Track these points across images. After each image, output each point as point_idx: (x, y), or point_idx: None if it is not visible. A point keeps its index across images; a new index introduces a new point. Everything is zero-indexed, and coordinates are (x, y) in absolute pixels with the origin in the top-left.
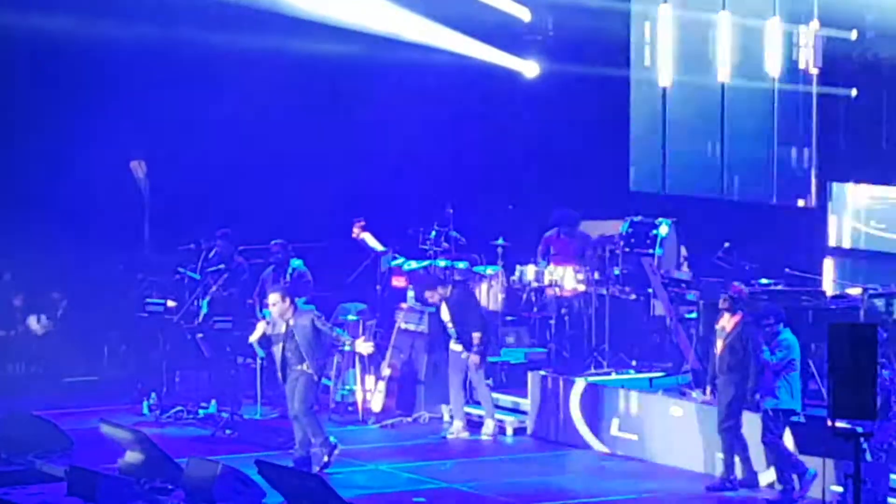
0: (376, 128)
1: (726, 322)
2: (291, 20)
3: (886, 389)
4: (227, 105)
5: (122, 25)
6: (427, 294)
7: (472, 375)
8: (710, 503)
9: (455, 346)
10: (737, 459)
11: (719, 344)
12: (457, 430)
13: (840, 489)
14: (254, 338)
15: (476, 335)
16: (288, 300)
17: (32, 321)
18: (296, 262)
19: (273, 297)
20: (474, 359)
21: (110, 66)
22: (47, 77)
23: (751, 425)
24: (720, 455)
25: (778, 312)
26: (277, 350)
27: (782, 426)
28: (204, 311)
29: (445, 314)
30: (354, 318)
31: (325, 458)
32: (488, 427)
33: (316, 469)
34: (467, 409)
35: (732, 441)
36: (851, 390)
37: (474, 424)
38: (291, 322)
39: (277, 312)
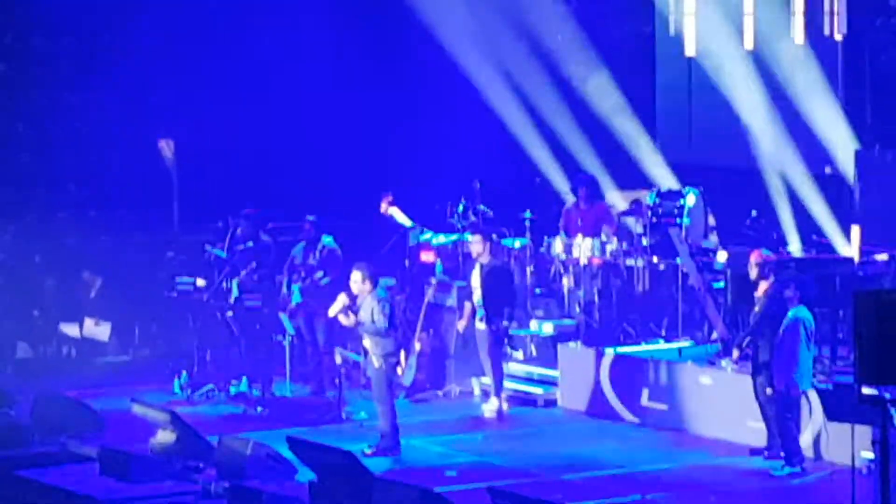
0: (402, 103)
1: (762, 291)
2: None
3: None
4: (255, 82)
5: (149, 2)
6: (473, 240)
7: (491, 349)
8: (740, 473)
9: (480, 325)
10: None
11: (756, 311)
12: (493, 406)
13: (870, 455)
14: (333, 311)
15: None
16: (368, 282)
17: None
18: (326, 239)
19: (353, 276)
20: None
21: (136, 44)
22: (73, 56)
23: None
24: (752, 423)
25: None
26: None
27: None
28: (234, 293)
29: (476, 279)
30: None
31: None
32: (492, 404)
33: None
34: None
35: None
36: (878, 356)
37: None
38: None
39: (356, 290)
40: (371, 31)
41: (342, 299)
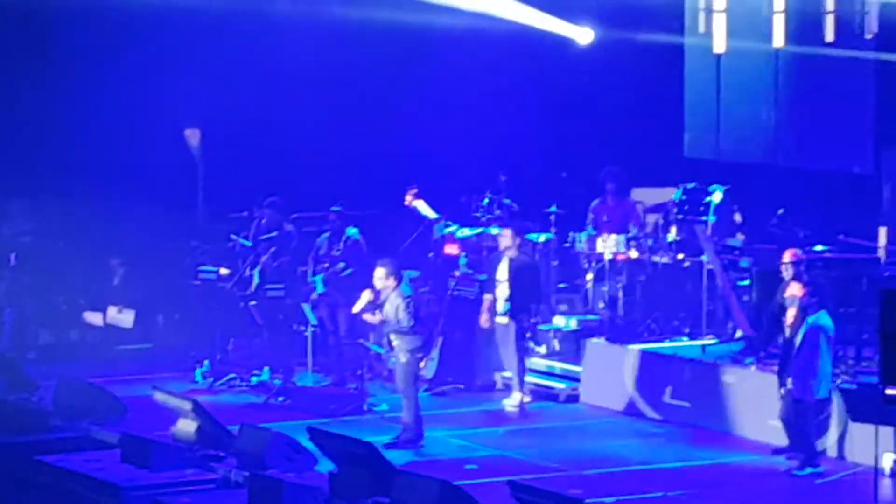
0: (429, 95)
1: (797, 290)
2: None
3: None
4: (281, 73)
5: None
6: (503, 234)
7: (515, 344)
8: (762, 472)
9: (501, 320)
10: None
11: (792, 313)
12: (514, 401)
13: (894, 456)
14: (357, 308)
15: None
16: (392, 278)
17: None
18: (351, 230)
19: (377, 272)
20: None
21: (163, 33)
22: (100, 45)
23: None
24: (774, 422)
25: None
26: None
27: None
28: (256, 280)
29: (503, 273)
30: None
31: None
32: (514, 399)
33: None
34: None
35: None
36: None
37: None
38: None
39: (380, 286)
40: (398, 21)
41: (367, 296)
